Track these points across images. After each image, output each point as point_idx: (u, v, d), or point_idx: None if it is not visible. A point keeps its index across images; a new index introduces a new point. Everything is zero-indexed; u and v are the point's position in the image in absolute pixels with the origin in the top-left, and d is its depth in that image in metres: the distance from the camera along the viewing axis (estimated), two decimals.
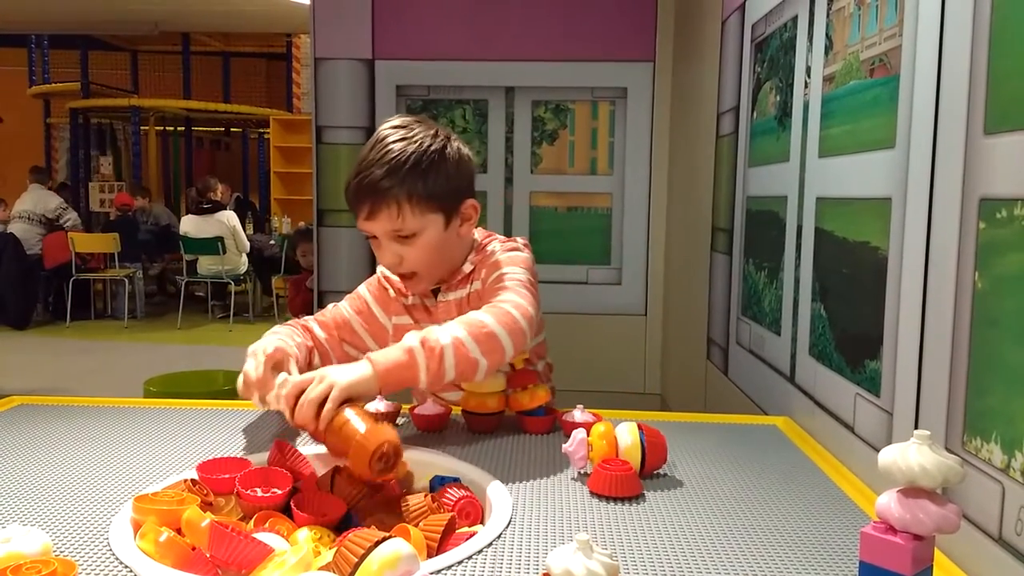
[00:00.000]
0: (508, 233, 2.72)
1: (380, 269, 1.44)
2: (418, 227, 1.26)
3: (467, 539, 0.86)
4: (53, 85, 9.76)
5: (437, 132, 1.29)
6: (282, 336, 1.31)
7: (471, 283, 1.34)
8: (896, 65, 1.04)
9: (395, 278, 1.40)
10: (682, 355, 2.47)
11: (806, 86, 1.38)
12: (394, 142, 1.24)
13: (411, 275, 1.32)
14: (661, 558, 0.83)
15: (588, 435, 1.06)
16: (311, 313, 1.53)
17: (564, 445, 1.08)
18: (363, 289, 1.45)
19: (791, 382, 1.42)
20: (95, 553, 0.82)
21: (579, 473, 1.07)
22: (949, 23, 0.91)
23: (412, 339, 1.12)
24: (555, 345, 1.51)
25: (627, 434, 1.05)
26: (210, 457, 1.04)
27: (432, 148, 1.25)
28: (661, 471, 1.09)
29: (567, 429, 1.19)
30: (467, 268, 1.35)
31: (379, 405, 1.27)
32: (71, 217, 7.52)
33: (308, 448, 1.12)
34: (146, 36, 9.15)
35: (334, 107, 2.69)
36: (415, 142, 1.24)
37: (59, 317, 7.37)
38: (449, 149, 1.28)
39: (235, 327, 7.24)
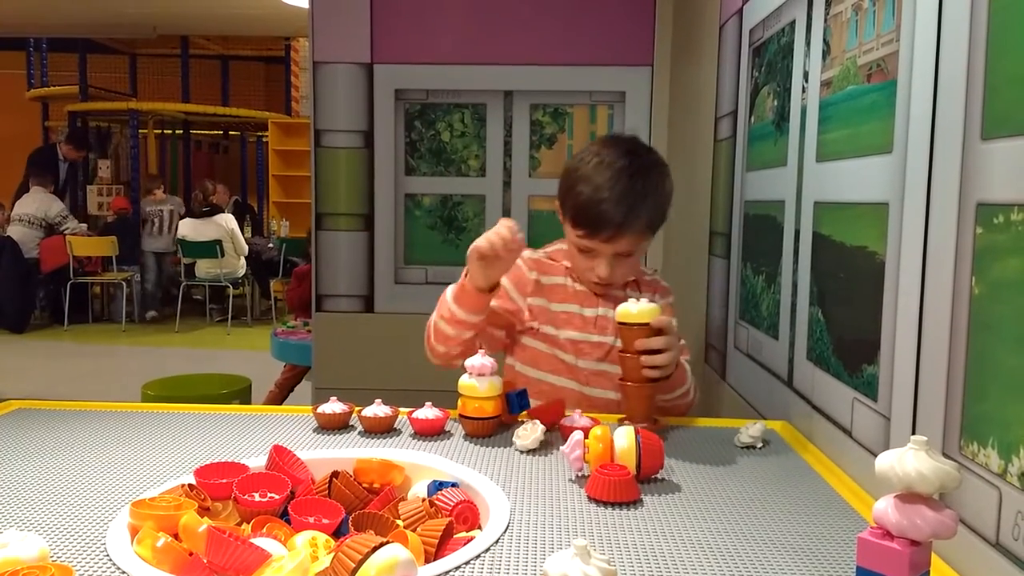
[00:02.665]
0: None
1: (527, 254, 1.55)
2: (639, 249, 1.46)
3: (465, 544, 0.86)
4: (51, 88, 9.75)
5: (657, 160, 1.46)
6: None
7: (627, 288, 1.53)
8: (893, 70, 1.05)
9: (552, 262, 1.55)
10: None
11: (804, 91, 1.38)
12: (631, 176, 1.38)
13: (610, 283, 1.48)
14: (659, 563, 0.83)
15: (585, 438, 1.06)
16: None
17: (562, 447, 1.08)
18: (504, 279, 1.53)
19: (789, 386, 1.42)
20: (92, 559, 0.82)
21: (576, 476, 1.08)
22: (946, 28, 0.91)
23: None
24: None
25: (623, 437, 1.05)
26: (208, 462, 1.04)
27: (659, 182, 1.42)
28: (659, 476, 1.09)
29: (565, 433, 1.19)
30: (630, 277, 1.53)
31: (377, 410, 1.27)
32: (70, 225, 7.50)
33: (306, 453, 1.12)
34: (145, 39, 9.14)
35: (333, 111, 2.69)
36: (650, 175, 1.41)
37: (57, 321, 7.36)
38: (669, 178, 1.46)
39: (233, 330, 7.24)
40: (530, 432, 1.18)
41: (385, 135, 2.69)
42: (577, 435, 1.07)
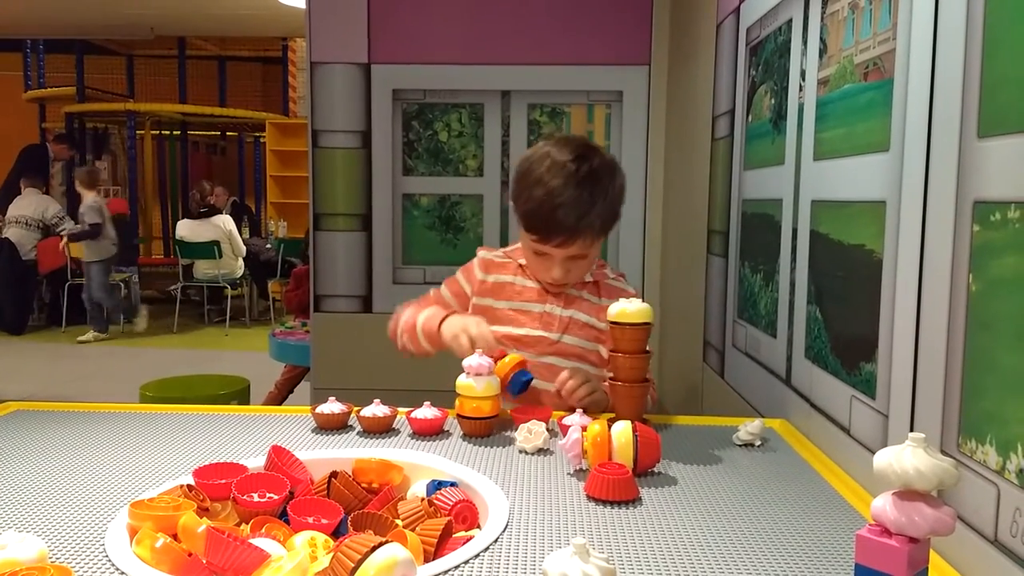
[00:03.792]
0: (504, 237, 2.73)
1: (482, 254, 1.62)
2: (593, 250, 1.46)
3: (464, 543, 0.86)
4: (49, 90, 9.73)
5: (607, 161, 1.44)
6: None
7: (584, 290, 1.53)
8: (890, 69, 1.05)
9: (505, 260, 1.58)
10: (678, 358, 2.47)
11: (801, 89, 1.38)
12: (582, 179, 1.38)
13: (565, 284, 1.50)
14: (658, 562, 0.83)
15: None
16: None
17: (560, 442, 1.10)
18: (459, 274, 1.63)
19: (787, 385, 1.42)
20: (91, 559, 0.82)
21: (575, 470, 1.09)
22: (943, 27, 0.91)
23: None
24: None
25: (621, 432, 1.07)
26: (206, 462, 1.04)
27: (609, 184, 1.41)
28: (656, 469, 1.09)
29: (564, 430, 1.19)
30: (588, 278, 1.53)
31: (376, 410, 1.27)
32: (67, 226, 7.45)
33: (305, 453, 1.12)
34: (142, 40, 9.13)
35: (330, 111, 2.69)
36: (600, 179, 1.40)
37: (55, 322, 7.35)
38: (619, 177, 1.45)
39: (231, 331, 7.24)
40: (534, 437, 1.18)
41: (383, 135, 2.69)
42: (575, 430, 1.08)
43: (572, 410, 1.27)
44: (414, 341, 1.51)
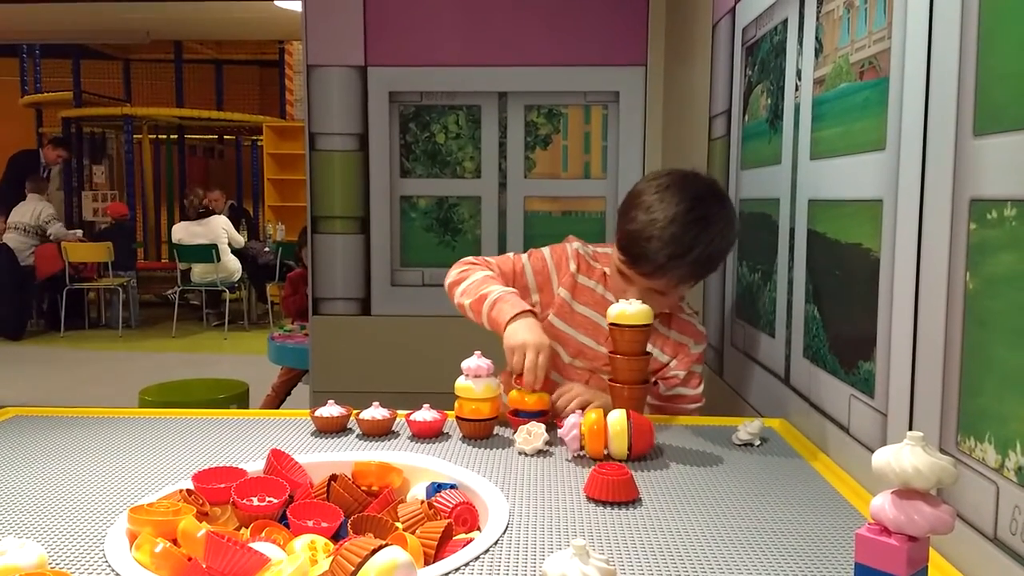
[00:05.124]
0: (502, 238, 2.73)
1: (577, 246, 1.56)
2: (676, 291, 1.44)
3: (464, 546, 0.86)
4: (45, 94, 9.73)
5: (725, 213, 1.37)
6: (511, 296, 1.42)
7: (655, 319, 1.45)
8: (886, 67, 1.05)
9: (594, 264, 1.53)
10: None
11: (797, 89, 1.39)
12: (690, 221, 1.31)
13: None
14: (658, 562, 0.83)
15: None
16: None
17: (559, 431, 1.15)
18: (547, 253, 1.56)
19: (786, 384, 1.42)
20: (90, 565, 0.82)
21: (573, 456, 1.13)
22: (938, 25, 0.91)
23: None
24: None
25: (616, 420, 1.12)
26: (206, 467, 1.04)
27: (716, 234, 1.35)
28: (655, 469, 1.09)
29: (561, 424, 1.21)
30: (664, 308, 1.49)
31: (375, 413, 1.27)
32: (52, 229, 7.38)
33: (304, 457, 1.12)
34: (138, 45, 9.13)
35: (327, 114, 2.69)
36: (708, 227, 1.33)
37: (53, 327, 7.35)
38: (730, 233, 1.39)
39: (230, 335, 7.23)
40: (533, 438, 1.19)
41: (380, 138, 2.69)
42: (573, 417, 1.13)
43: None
44: (475, 313, 1.43)
